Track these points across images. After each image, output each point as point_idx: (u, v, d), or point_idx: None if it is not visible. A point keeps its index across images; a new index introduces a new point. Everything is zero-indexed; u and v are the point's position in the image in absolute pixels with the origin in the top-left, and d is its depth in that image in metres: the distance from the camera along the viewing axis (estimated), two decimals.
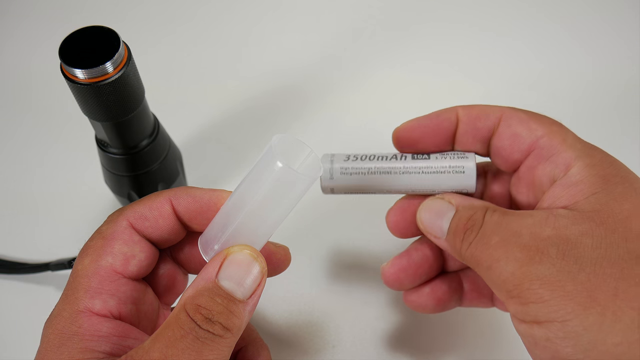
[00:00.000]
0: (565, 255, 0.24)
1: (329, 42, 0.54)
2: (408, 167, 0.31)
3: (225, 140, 0.48)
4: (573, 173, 0.27)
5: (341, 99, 0.50)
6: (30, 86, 0.51)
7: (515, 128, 0.29)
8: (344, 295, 0.39)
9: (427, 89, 0.50)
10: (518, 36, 0.53)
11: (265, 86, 0.51)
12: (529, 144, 0.28)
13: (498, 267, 0.25)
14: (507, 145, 0.29)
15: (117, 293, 0.26)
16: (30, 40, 0.54)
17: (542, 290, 0.24)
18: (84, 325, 0.24)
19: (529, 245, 0.25)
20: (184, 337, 0.23)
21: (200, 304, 0.23)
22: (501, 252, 0.25)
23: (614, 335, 0.22)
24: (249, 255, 0.25)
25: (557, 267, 0.24)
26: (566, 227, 0.25)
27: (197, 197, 0.27)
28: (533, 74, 0.51)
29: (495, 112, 0.30)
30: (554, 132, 0.28)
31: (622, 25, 0.54)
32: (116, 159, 0.36)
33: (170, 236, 0.28)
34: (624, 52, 0.52)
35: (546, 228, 0.25)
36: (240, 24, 0.55)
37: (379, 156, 0.31)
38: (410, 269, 0.33)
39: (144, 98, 0.34)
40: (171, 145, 0.39)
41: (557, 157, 0.27)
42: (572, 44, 0.53)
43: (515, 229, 0.26)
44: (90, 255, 0.26)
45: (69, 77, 0.30)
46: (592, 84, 0.50)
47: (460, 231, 0.28)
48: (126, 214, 0.27)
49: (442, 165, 0.30)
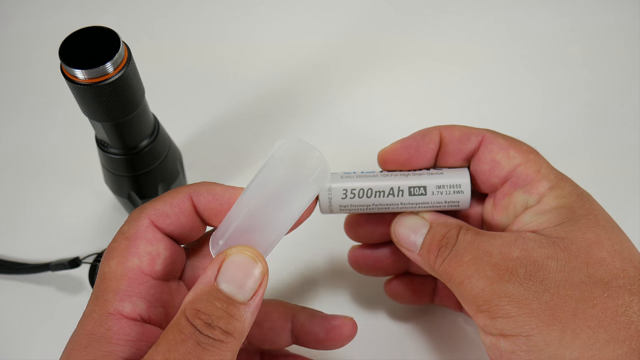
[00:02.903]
0: (532, 276, 0.26)
1: (330, 42, 0.54)
2: (405, 203, 0.31)
3: (225, 140, 0.48)
4: (544, 202, 0.29)
5: (342, 98, 0.50)
6: (30, 86, 0.51)
7: (495, 154, 0.30)
8: (341, 299, 0.40)
9: (425, 94, 0.50)
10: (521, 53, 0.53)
11: (265, 86, 0.51)
12: (507, 171, 0.30)
13: (469, 283, 0.27)
14: (486, 170, 0.31)
15: (147, 295, 0.26)
16: (31, 41, 0.54)
17: (509, 307, 0.26)
18: (113, 328, 0.24)
19: (499, 265, 0.27)
20: (185, 342, 0.22)
21: (199, 308, 0.23)
22: (473, 269, 0.27)
23: (572, 351, 0.25)
24: (248, 256, 0.24)
25: (524, 286, 0.26)
26: (533, 249, 0.27)
27: (217, 195, 0.27)
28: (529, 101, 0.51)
29: (477, 134, 0.31)
30: (530, 161, 0.30)
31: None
32: (116, 159, 0.36)
33: (191, 232, 0.28)
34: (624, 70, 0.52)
35: (515, 249, 0.27)
36: (241, 24, 0.55)
37: (376, 192, 0.31)
38: (370, 260, 0.36)
39: (144, 98, 0.34)
40: (171, 145, 0.39)
41: (531, 187, 0.29)
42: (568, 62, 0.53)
43: (486, 248, 0.28)
44: (116, 257, 0.26)
45: (69, 78, 0.30)
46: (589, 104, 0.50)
47: (434, 247, 0.29)
48: (147, 212, 0.27)
49: (439, 201, 0.31)
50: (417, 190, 0.31)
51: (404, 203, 0.31)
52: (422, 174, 0.31)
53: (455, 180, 0.31)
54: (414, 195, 0.31)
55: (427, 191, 0.31)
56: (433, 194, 0.31)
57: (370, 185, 0.31)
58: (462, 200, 0.31)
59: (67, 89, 0.31)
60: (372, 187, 0.31)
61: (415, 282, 0.36)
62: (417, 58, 0.52)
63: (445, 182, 0.31)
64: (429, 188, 0.31)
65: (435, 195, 0.31)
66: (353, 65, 0.52)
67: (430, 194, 0.31)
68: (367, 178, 0.31)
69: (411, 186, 0.31)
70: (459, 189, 0.31)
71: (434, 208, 0.31)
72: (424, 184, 0.31)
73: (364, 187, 0.31)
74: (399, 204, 0.31)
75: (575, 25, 0.54)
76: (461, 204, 0.31)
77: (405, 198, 0.31)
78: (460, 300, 0.29)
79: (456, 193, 0.31)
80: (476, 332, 0.38)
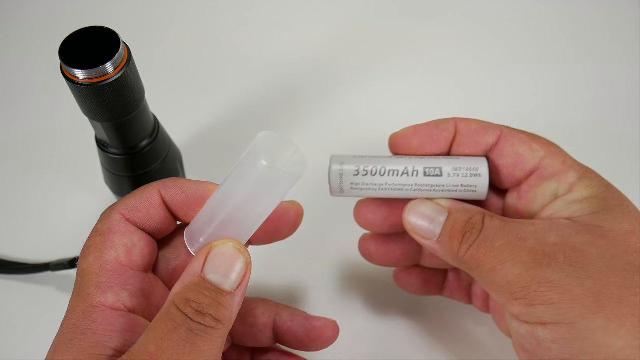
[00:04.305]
0: (572, 261, 0.25)
1: (330, 42, 0.54)
2: (420, 184, 0.30)
3: (225, 140, 0.48)
4: (575, 192, 0.28)
5: (342, 98, 0.50)
6: (30, 86, 0.51)
7: (518, 148, 0.30)
8: (342, 294, 0.40)
9: (430, 92, 0.50)
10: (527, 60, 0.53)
11: (265, 86, 0.51)
12: (532, 164, 0.29)
13: (503, 269, 0.26)
14: (509, 164, 0.30)
15: (127, 285, 0.26)
16: (31, 41, 0.54)
17: (550, 293, 0.25)
18: (98, 319, 0.25)
19: (535, 250, 0.26)
20: (177, 330, 0.23)
21: (189, 297, 0.24)
22: (507, 254, 0.26)
23: (618, 339, 0.24)
24: (233, 248, 0.26)
25: (565, 272, 0.25)
26: (570, 236, 0.26)
27: (184, 188, 0.28)
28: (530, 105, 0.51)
29: (495, 129, 0.30)
30: (553, 153, 0.29)
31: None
32: (116, 159, 0.36)
33: (163, 226, 0.28)
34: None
35: (551, 235, 0.26)
36: (241, 24, 0.55)
37: (390, 170, 0.30)
38: (382, 250, 0.35)
39: (144, 98, 0.34)
40: (171, 145, 0.39)
41: (560, 177, 0.29)
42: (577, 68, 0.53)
43: (519, 234, 0.27)
44: (92, 254, 0.26)
45: (69, 78, 0.30)
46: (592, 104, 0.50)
47: (457, 233, 0.28)
48: (118, 208, 0.28)
49: (455, 184, 0.30)
50: (432, 171, 0.29)
51: (418, 184, 0.30)
52: (438, 157, 0.30)
53: (473, 164, 0.30)
54: (429, 176, 0.29)
55: (443, 172, 0.29)
56: (449, 176, 0.29)
57: (384, 164, 0.30)
58: (479, 185, 0.29)
59: (67, 89, 0.31)
60: (385, 165, 0.30)
61: (426, 273, 0.36)
62: (423, 52, 0.53)
63: (462, 164, 0.30)
64: (445, 169, 0.29)
65: (452, 178, 0.29)
66: (354, 65, 0.52)
67: (447, 176, 0.29)
68: (380, 158, 0.30)
69: (426, 167, 0.30)
70: (476, 172, 0.29)
71: (450, 193, 0.30)
72: (440, 165, 0.30)
73: (377, 165, 0.30)
74: (413, 185, 0.30)
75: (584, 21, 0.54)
76: (478, 189, 0.30)
77: (420, 179, 0.30)
78: (489, 289, 0.27)
79: (473, 176, 0.29)
80: (469, 330, 0.38)
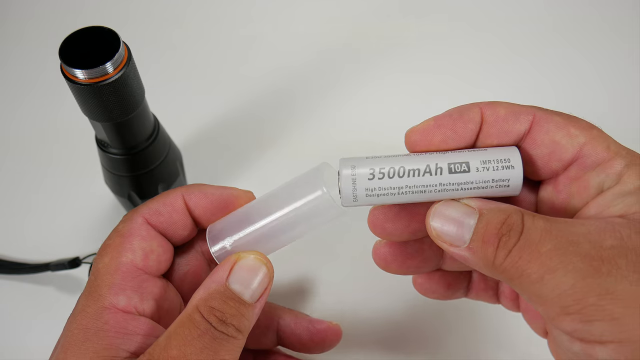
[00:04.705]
0: (637, 267, 0.21)
1: (330, 42, 0.54)
2: (445, 183, 0.25)
3: (225, 140, 0.48)
4: (626, 182, 0.24)
5: (342, 97, 0.50)
6: (30, 86, 0.51)
7: (554, 135, 0.25)
8: (348, 297, 0.40)
9: (432, 91, 0.50)
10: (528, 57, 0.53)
11: (265, 86, 0.51)
12: (572, 153, 0.25)
13: (554, 278, 0.22)
14: (545, 154, 0.26)
15: (140, 289, 0.27)
16: (31, 41, 0.54)
17: (612, 306, 0.21)
18: (110, 321, 0.25)
19: (591, 255, 0.22)
20: (201, 337, 0.24)
21: (213, 306, 0.25)
22: (557, 261, 0.22)
23: None
24: (260, 262, 0.26)
25: (629, 280, 0.21)
26: (630, 237, 0.22)
27: (208, 194, 0.29)
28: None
29: (526, 113, 0.26)
30: (595, 138, 0.25)
31: None
32: (116, 159, 0.36)
33: (184, 232, 0.29)
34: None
35: (607, 237, 0.22)
36: (241, 25, 0.55)
37: (409, 170, 0.25)
38: (400, 257, 0.30)
39: (144, 98, 0.34)
40: (171, 145, 0.39)
41: (605, 166, 0.25)
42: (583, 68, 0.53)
43: (569, 237, 0.22)
44: (110, 253, 0.27)
45: (69, 78, 0.30)
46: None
47: (492, 237, 0.24)
48: (141, 211, 0.28)
49: (485, 179, 0.25)
50: (458, 166, 0.25)
51: (443, 183, 0.25)
52: (462, 151, 0.26)
53: (504, 154, 0.25)
54: (455, 173, 0.25)
55: (471, 167, 0.25)
56: (478, 171, 0.25)
57: (402, 163, 0.25)
58: (513, 178, 0.25)
59: (68, 89, 0.31)
60: (404, 165, 0.25)
61: (449, 277, 0.32)
62: (426, 51, 0.53)
63: (491, 156, 0.25)
64: (473, 163, 0.25)
65: (481, 172, 0.25)
66: (354, 64, 0.52)
67: (475, 171, 0.25)
68: (396, 157, 0.26)
69: (451, 162, 0.25)
70: (508, 163, 0.25)
71: (480, 190, 0.26)
72: (467, 160, 0.25)
73: (394, 165, 0.25)
74: (438, 185, 0.25)
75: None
76: (512, 183, 0.25)
77: (445, 177, 0.25)
78: (533, 301, 0.23)
79: (506, 169, 0.25)
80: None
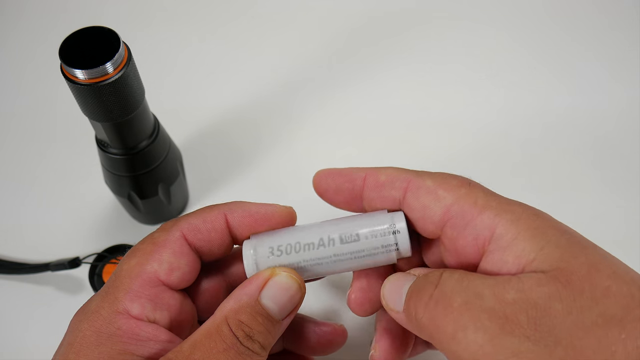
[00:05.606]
0: (537, 324, 0.21)
1: (330, 42, 0.54)
2: (338, 254, 0.27)
3: (225, 140, 0.48)
4: (501, 233, 0.24)
5: (342, 97, 0.50)
6: (30, 86, 0.51)
7: (424, 199, 0.26)
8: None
9: (415, 111, 0.50)
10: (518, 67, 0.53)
11: (265, 86, 0.51)
12: (440, 215, 0.26)
13: (465, 337, 0.22)
14: (419, 218, 0.27)
15: (156, 299, 0.26)
16: (31, 40, 0.54)
17: None
18: (123, 327, 0.25)
19: (494, 311, 0.22)
20: (227, 351, 0.24)
21: (242, 320, 0.25)
22: (467, 317, 0.22)
23: None
24: (294, 282, 0.26)
25: (531, 339, 0.21)
26: (531, 289, 0.22)
27: (252, 212, 0.28)
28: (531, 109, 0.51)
29: (402, 181, 0.27)
30: (462, 197, 0.26)
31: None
32: (116, 159, 0.36)
33: (219, 250, 0.29)
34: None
35: (510, 290, 0.22)
36: (241, 25, 0.55)
37: (304, 245, 0.27)
38: (373, 297, 0.30)
39: (144, 98, 0.34)
40: (171, 145, 0.39)
41: (474, 223, 0.25)
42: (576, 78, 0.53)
43: (477, 288, 0.23)
44: (137, 258, 0.27)
45: (69, 78, 0.30)
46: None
47: (414, 292, 0.25)
48: (180, 225, 0.28)
49: (375, 247, 0.27)
50: (349, 237, 0.27)
51: (337, 254, 0.27)
52: (354, 217, 0.28)
53: (390, 220, 0.27)
54: (346, 243, 0.27)
55: (360, 236, 0.27)
56: (367, 239, 0.27)
57: (299, 238, 0.28)
58: (400, 242, 0.27)
59: (67, 89, 0.31)
60: (300, 239, 0.28)
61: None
62: (428, 52, 0.53)
63: (378, 223, 0.27)
64: (362, 232, 0.27)
65: (370, 240, 0.27)
66: (354, 64, 0.52)
67: (364, 239, 0.27)
68: (295, 230, 0.28)
69: (342, 234, 0.27)
70: (394, 228, 0.27)
71: (373, 257, 0.27)
72: (355, 230, 0.27)
73: (291, 241, 0.28)
74: (332, 256, 0.27)
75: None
76: (401, 246, 0.27)
77: (338, 247, 0.27)
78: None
79: (392, 234, 0.27)
80: None
